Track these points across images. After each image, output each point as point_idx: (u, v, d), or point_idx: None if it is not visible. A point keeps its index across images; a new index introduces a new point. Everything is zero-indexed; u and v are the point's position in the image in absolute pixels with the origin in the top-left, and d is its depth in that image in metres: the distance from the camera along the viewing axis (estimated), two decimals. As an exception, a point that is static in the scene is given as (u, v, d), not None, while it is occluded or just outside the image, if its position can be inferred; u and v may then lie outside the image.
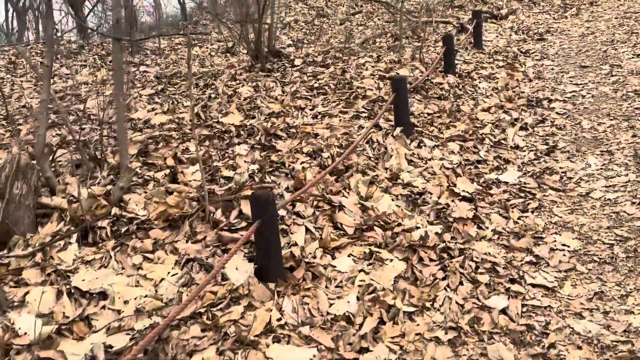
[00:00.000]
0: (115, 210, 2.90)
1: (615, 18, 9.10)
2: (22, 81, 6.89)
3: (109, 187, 3.09)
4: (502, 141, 4.33)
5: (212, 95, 5.12)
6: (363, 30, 10.71)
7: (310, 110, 4.72)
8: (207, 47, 9.28)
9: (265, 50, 6.00)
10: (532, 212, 3.25)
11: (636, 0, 10.57)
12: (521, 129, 4.60)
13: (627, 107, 4.74)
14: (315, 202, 3.12)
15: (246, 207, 2.93)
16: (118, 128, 3.10)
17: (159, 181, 3.23)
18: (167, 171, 3.34)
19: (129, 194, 3.06)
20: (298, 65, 5.87)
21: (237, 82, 5.47)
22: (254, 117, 4.56)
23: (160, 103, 5.03)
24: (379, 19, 11.62)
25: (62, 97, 5.55)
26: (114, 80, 3.19)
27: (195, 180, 3.28)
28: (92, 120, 4.72)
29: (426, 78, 5.43)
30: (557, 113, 4.89)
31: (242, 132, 4.13)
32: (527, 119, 4.77)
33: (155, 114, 4.72)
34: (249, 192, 3.01)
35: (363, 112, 4.63)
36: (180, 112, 4.69)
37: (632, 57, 6.26)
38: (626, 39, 7.21)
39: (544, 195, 3.42)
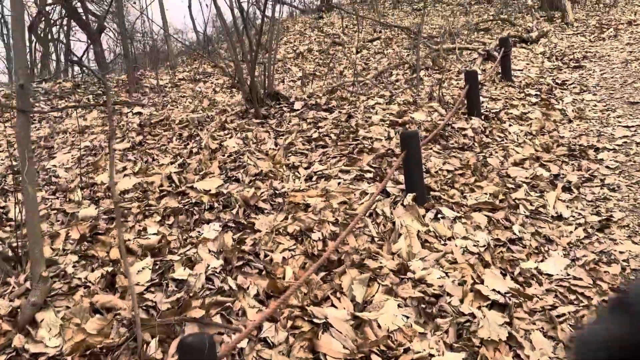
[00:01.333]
0: (18, 340, 2.15)
1: (661, 40, 8.14)
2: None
3: (19, 301, 2.35)
4: (541, 209, 3.47)
5: (194, 150, 4.39)
6: (380, 59, 9.96)
7: (305, 168, 3.95)
8: (212, 83, 8.65)
9: (262, 92, 5.28)
10: (589, 328, 2.37)
11: (682, 19, 9.59)
12: (564, 189, 3.73)
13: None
14: (290, 321, 2.32)
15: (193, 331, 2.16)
16: (28, 226, 2.37)
17: (90, 287, 2.48)
18: (105, 270, 2.59)
19: (45, 310, 2.31)
20: (298, 110, 5.12)
21: (226, 132, 4.74)
22: (237, 180, 3.81)
23: (133, 160, 4.33)
24: (398, 46, 10.88)
25: (32, 150, 4.90)
26: (20, 159, 2.49)
27: (140, 284, 2.52)
28: (53, 184, 4.04)
29: (447, 123, 4.62)
30: (607, 167, 4.01)
31: (216, 204, 3.37)
32: (570, 176, 3.90)
33: (124, 175, 4.02)
34: (197, 313, 2.24)
35: (368, 171, 3.83)
36: (153, 173, 3.97)
37: (691, 91, 5.33)
38: (679, 67, 6.28)
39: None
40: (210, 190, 3.59)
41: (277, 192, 3.53)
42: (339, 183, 3.64)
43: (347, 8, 16.10)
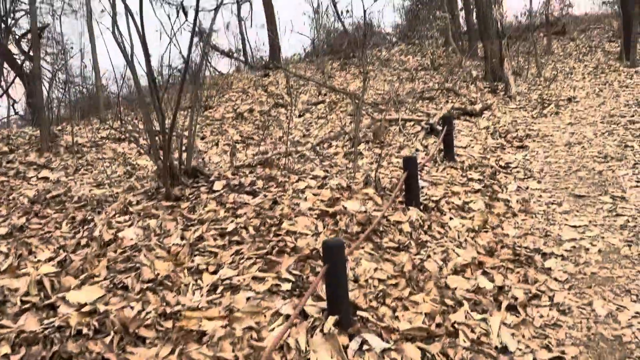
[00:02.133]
0: None
1: (600, 122, 8.15)
2: None
3: None
4: (484, 338, 2.94)
5: (83, 242, 3.69)
6: (322, 124, 9.60)
7: (212, 273, 3.31)
8: (137, 144, 7.95)
9: (180, 167, 4.66)
10: None
11: (619, 100, 9.77)
12: (509, 309, 3.24)
13: (651, 276, 3.45)
14: None
15: None
16: None
17: None
18: None
19: None
20: (218, 191, 4.52)
21: (128, 217, 4.07)
22: (125, 288, 3.13)
23: (6, 253, 3.58)
24: (342, 111, 10.58)
25: None
26: None
27: None
28: None
29: (382, 215, 4.11)
30: (555, 280, 3.57)
31: (86, 329, 2.67)
32: (516, 290, 3.43)
33: (-13, 274, 3.26)
34: None
35: (287, 279, 3.23)
36: (22, 274, 3.22)
37: (637, 185, 5.09)
38: (621, 155, 6.12)
39: None
40: (85, 304, 2.89)
41: (169, 309, 2.87)
42: (248, 298, 3.02)
43: (295, 66, 15.89)
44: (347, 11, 15.21)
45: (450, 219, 4.49)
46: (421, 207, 4.59)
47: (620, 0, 16.03)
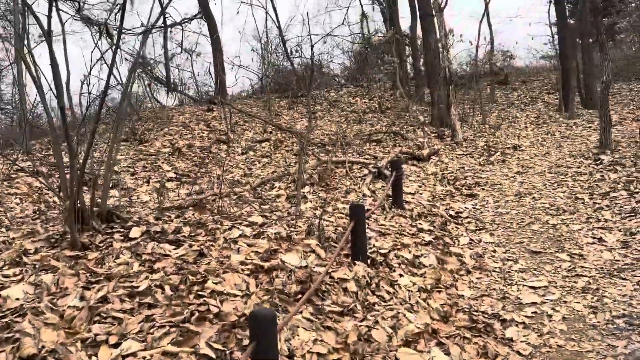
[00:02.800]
0: None
1: (548, 172, 8.04)
2: None
3: None
4: None
5: (-47, 302, 2.96)
6: (266, 163, 9.09)
7: (112, 347, 2.67)
8: (44, 180, 7.14)
9: (92, 209, 4.00)
10: None
11: (562, 151, 9.81)
12: (469, 391, 2.76)
13: (623, 353, 3.07)
14: None
15: None
16: None
17: None
18: None
19: None
20: (135, 239, 3.89)
21: (20, 269, 3.37)
22: (-5, 366, 2.44)
23: None
24: (287, 150, 10.12)
25: None
26: None
27: None
28: None
29: (326, 272, 3.59)
30: (518, 353, 3.14)
31: None
32: (476, 365, 2.97)
33: None
34: None
35: (206, 355, 2.63)
36: None
37: (593, 242, 4.82)
38: (574, 208, 5.90)
39: None
40: None
41: (46, 400, 2.21)
42: (153, 382, 2.40)
43: (242, 102, 15.42)
44: (297, 50, 14.92)
45: (401, 275, 4.03)
46: (368, 261, 4.12)
47: (559, 56, 16.68)
